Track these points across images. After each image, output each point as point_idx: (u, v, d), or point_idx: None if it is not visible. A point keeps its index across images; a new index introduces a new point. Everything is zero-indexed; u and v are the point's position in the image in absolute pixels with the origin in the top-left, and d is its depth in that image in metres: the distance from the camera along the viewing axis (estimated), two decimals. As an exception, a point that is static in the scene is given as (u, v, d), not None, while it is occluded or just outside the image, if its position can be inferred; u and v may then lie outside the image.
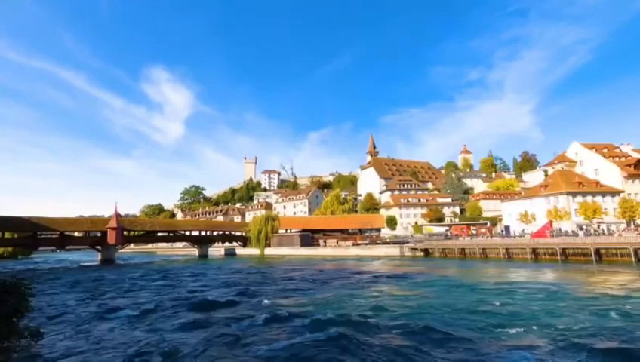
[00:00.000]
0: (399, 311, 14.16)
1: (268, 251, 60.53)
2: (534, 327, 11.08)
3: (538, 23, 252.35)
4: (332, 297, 17.85)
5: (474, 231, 57.01)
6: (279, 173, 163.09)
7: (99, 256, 54.23)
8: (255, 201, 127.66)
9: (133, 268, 42.93)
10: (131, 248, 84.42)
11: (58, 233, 52.00)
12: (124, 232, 56.51)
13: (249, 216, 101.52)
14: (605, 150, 68.97)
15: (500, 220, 65.57)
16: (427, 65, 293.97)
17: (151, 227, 62.05)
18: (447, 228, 63.64)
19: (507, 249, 38.84)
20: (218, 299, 17.86)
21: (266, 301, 17.02)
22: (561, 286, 19.02)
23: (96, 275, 33.38)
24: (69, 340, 11.06)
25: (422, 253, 46.78)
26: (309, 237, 61.45)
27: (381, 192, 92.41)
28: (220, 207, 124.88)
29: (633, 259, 29.63)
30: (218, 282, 25.75)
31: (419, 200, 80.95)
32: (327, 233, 64.84)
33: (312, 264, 39.84)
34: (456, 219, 74.77)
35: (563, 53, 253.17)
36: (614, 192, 55.34)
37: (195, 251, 68.34)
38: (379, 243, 56.50)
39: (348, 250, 54.30)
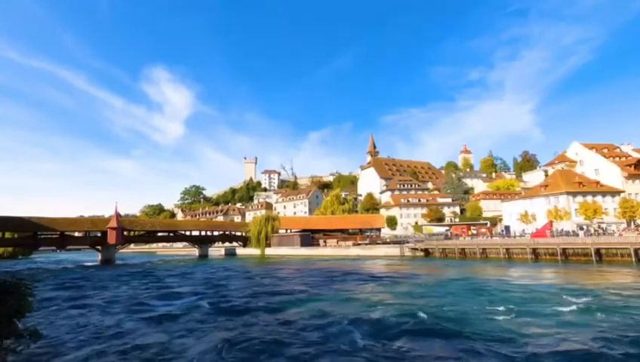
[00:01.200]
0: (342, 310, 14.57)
1: (268, 251, 60.51)
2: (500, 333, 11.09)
3: (538, 23, 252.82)
4: (289, 295, 18.84)
5: (474, 231, 56.99)
6: (279, 173, 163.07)
7: (99, 256, 54.21)
8: (255, 201, 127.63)
9: (132, 268, 42.97)
10: (132, 248, 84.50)
11: (58, 233, 51.98)
12: (125, 232, 56.50)
13: (249, 216, 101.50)
14: (605, 150, 68.96)
15: (500, 220, 65.54)
16: (427, 65, 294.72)
17: (151, 227, 62.04)
18: (447, 228, 63.62)
19: (507, 249, 38.82)
20: (182, 294, 19.97)
21: (224, 295, 19.09)
22: (560, 287, 19.04)
23: (95, 275, 33.67)
24: (68, 339, 11.19)
25: (422, 253, 46.76)
26: (309, 237, 61.43)
27: (381, 192, 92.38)
28: (220, 207, 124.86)
29: (633, 259, 29.61)
30: (196, 281, 27.08)
31: (419, 200, 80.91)
32: (327, 233, 64.82)
33: (307, 264, 40.09)
34: (457, 219, 74.75)
35: (563, 53, 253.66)
36: (614, 192, 55.31)
37: (195, 251, 68.35)
38: (379, 243, 56.50)
39: (348, 249, 54.29)
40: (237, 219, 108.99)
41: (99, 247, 54.37)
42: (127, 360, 9.31)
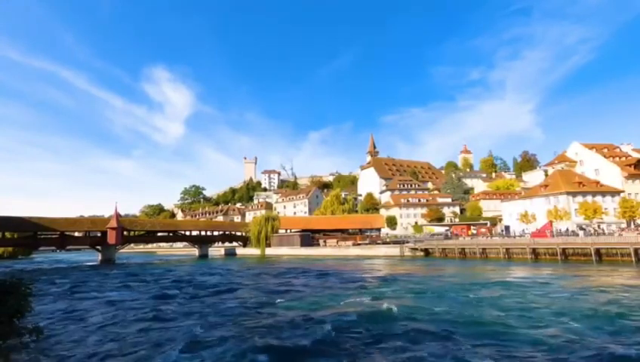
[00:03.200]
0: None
1: (268, 251, 60.52)
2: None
3: (540, 23, 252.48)
4: (254, 292, 20.35)
5: (474, 231, 56.99)
6: (279, 173, 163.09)
7: (99, 256, 54.25)
8: (255, 201, 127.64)
9: (131, 268, 43.01)
10: (132, 248, 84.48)
11: (58, 233, 52.00)
12: (124, 232, 56.53)
13: (249, 216, 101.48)
14: (605, 150, 68.99)
15: (500, 220, 65.54)
16: (428, 65, 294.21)
17: (151, 227, 62.05)
18: (447, 228, 63.65)
19: (507, 249, 38.82)
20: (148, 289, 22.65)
21: (177, 291, 21.10)
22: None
23: (95, 274, 33.80)
24: (67, 337, 11.27)
25: (422, 253, 46.76)
26: (309, 237, 61.43)
27: (381, 192, 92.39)
28: (220, 207, 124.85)
29: (633, 259, 29.60)
30: (170, 278, 29.20)
31: (419, 200, 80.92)
32: (327, 233, 64.81)
33: (304, 263, 40.32)
34: (457, 219, 74.77)
35: (565, 53, 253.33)
36: (614, 192, 55.32)
37: (195, 251, 68.37)
38: (379, 243, 56.50)
39: (348, 249, 54.29)
40: (237, 219, 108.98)
41: (99, 247, 54.40)
42: (124, 355, 9.37)
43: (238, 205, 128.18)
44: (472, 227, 59.43)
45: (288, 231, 65.64)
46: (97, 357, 9.44)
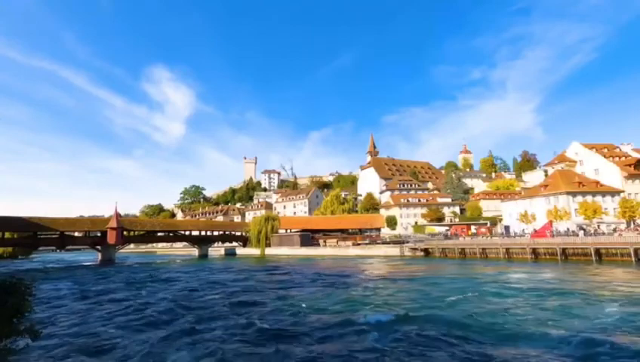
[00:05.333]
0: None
1: (268, 251, 60.51)
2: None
3: (542, 22, 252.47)
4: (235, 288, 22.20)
5: (474, 231, 57.00)
6: (279, 173, 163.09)
7: (99, 256, 54.25)
8: (255, 201, 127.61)
9: (129, 269, 43.06)
10: (132, 248, 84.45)
11: (58, 233, 51.98)
12: (124, 232, 56.53)
13: (249, 216, 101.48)
14: (605, 150, 68.97)
15: (500, 220, 65.56)
16: (429, 64, 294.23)
17: (151, 227, 62.06)
18: (447, 228, 63.68)
19: (507, 249, 38.83)
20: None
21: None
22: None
23: (94, 274, 33.87)
24: (66, 336, 11.35)
25: (422, 253, 46.74)
26: (309, 237, 61.44)
27: (381, 192, 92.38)
28: (219, 207, 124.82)
29: (633, 259, 29.63)
30: (166, 277, 30.86)
31: (419, 200, 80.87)
32: (327, 233, 64.82)
33: (301, 263, 40.41)
34: (457, 219, 74.75)
35: (566, 52, 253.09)
36: (614, 192, 55.33)
37: (195, 251, 68.34)
38: (379, 243, 56.51)
39: (347, 249, 54.29)
40: (237, 219, 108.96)
41: (99, 247, 54.41)
42: (120, 355, 9.41)
43: (238, 205, 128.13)
44: (472, 227, 59.49)
45: (288, 231, 65.64)
46: (95, 355, 9.48)
